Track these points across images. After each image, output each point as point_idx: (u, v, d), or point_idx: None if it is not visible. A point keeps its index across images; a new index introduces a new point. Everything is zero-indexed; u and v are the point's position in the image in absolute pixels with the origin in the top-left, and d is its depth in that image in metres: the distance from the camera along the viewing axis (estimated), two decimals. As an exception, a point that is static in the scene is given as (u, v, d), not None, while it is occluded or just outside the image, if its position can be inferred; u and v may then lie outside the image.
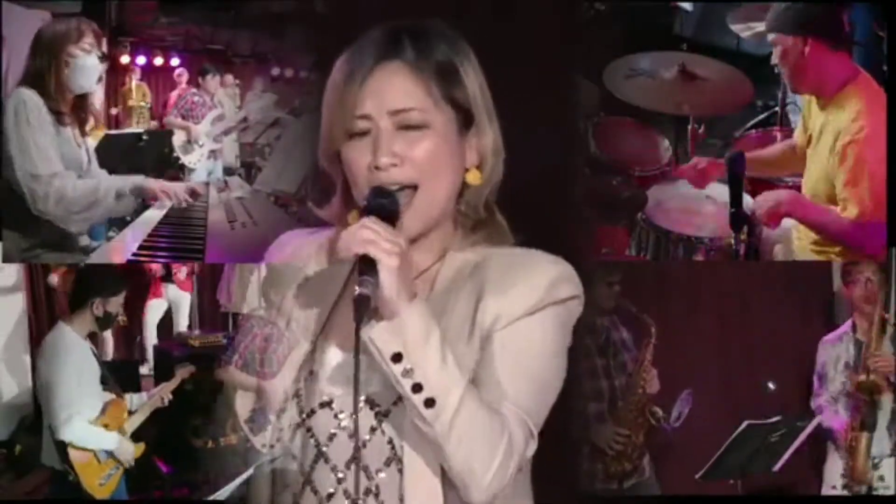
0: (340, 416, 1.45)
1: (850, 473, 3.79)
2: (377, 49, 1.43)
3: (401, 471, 1.41)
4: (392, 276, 1.31)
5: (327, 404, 1.46)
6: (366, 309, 1.29)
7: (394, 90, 1.42)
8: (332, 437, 1.45)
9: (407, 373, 1.32)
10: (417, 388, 1.32)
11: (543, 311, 1.43)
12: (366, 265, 1.31)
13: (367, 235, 1.32)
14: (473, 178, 1.48)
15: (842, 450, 3.81)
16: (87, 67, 3.22)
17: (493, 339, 1.41)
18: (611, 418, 3.68)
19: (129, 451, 4.06)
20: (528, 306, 1.43)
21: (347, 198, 1.48)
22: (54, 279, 5.64)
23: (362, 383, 1.40)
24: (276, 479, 1.52)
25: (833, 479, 3.88)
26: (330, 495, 1.45)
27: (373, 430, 1.43)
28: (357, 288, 1.30)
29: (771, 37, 2.99)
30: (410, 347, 1.32)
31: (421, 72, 1.43)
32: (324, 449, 1.45)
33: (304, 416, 1.47)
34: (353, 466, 1.41)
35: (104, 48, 3.43)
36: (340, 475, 1.44)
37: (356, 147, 1.42)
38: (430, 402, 1.32)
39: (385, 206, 1.38)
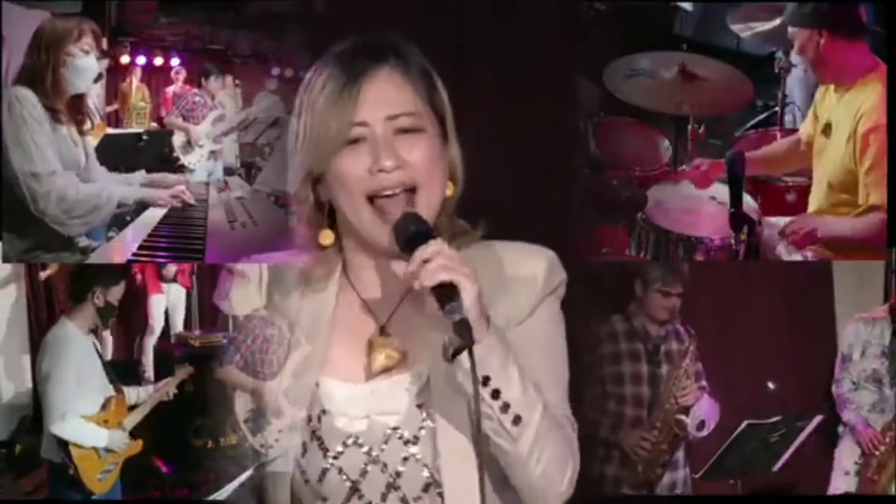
0: (370, 450, 1.44)
1: (873, 468, 3.78)
2: (362, 58, 1.43)
3: (440, 494, 1.42)
4: (475, 300, 1.32)
5: (354, 442, 1.45)
6: (470, 330, 1.30)
7: (388, 95, 1.42)
8: (363, 472, 1.45)
9: (496, 394, 1.34)
10: (505, 407, 1.34)
11: (544, 303, 1.46)
12: (444, 292, 1.31)
13: (446, 262, 1.32)
14: (450, 189, 1.48)
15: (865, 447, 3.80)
16: (84, 68, 3.22)
17: (510, 341, 1.40)
18: (646, 423, 3.67)
19: (122, 441, 4.07)
20: (532, 304, 1.44)
21: (316, 221, 1.48)
22: (42, 276, 5.63)
23: (383, 413, 1.43)
24: (271, 489, 1.52)
25: (846, 464, 3.87)
26: None
27: (405, 459, 1.43)
28: (451, 316, 1.30)
29: (790, 31, 3.03)
30: (496, 369, 1.34)
31: (409, 76, 1.44)
32: (358, 486, 1.45)
33: (331, 456, 1.46)
34: (389, 497, 1.43)
35: (104, 47, 3.43)
36: None
37: (350, 155, 1.41)
38: (517, 420, 1.35)
39: (424, 231, 1.37)
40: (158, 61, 6.02)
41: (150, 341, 6.34)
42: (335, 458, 1.45)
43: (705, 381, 3.72)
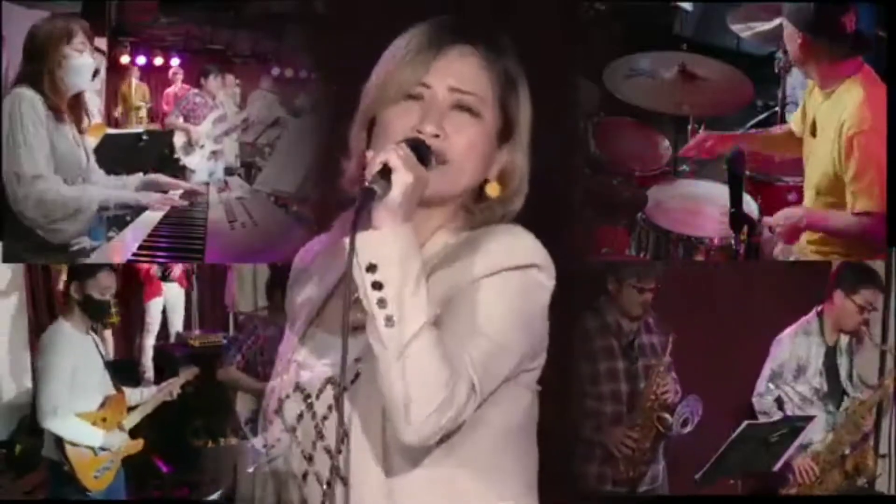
0: (309, 399, 1.46)
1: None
2: (456, 31, 1.47)
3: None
4: (401, 188, 1.31)
5: (297, 388, 1.47)
6: (369, 201, 1.30)
7: (461, 69, 1.45)
8: (299, 418, 1.46)
9: (376, 285, 1.30)
10: (382, 303, 1.30)
11: (498, 274, 1.41)
12: (382, 171, 1.32)
13: (396, 149, 1.34)
14: (492, 190, 1.50)
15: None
16: (80, 66, 3.23)
17: (450, 300, 1.39)
18: (626, 421, 3.67)
19: (119, 441, 4.06)
20: (481, 272, 1.40)
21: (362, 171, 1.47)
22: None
23: (328, 364, 1.43)
24: (271, 486, 1.53)
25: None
26: (304, 476, 1.46)
27: (329, 408, 1.43)
28: (366, 183, 1.31)
29: (783, 20, 3.04)
30: (386, 262, 1.30)
31: (490, 65, 1.47)
32: (296, 433, 1.46)
33: (279, 403, 1.48)
34: (318, 446, 1.43)
35: (99, 45, 3.43)
36: (312, 453, 1.45)
37: (403, 108, 1.44)
38: (389, 320, 1.30)
39: (419, 149, 1.38)
40: (158, 61, 6.02)
41: (149, 341, 6.34)
42: (280, 404, 1.48)
43: (674, 373, 3.72)
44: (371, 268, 1.30)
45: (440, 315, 1.36)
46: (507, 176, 1.51)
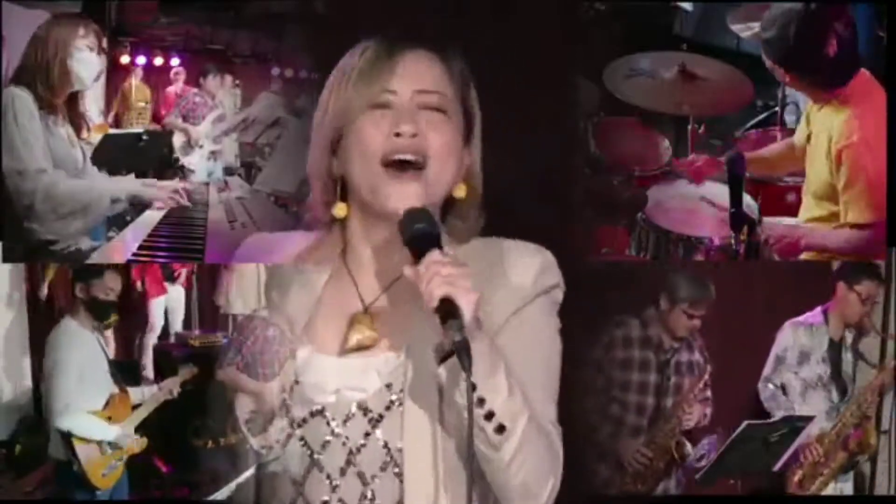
0: (332, 423, 1.46)
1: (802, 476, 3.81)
2: (406, 38, 1.47)
3: (397, 475, 1.41)
4: (472, 310, 1.32)
5: (319, 412, 1.46)
6: (469, 352, 1.29)
7: (423, 72, 1.46)
8: (325, 444, 1.45)
9: (481, 402, 1.33)
10: (490, 416, 1.34)
11: (533, 303, 1.44)
12: (445, 306, 1.31)
13: (444, 272, 1.32)
14: (460, 191, 1.50)
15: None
16: (90, 62, 3.26)
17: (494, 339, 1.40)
18: (645, 436, 3.67)
19: (129, 437, 4.10)
20: (519, 301, 1.44)
21: (332, 193, 1.49)
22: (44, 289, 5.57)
23: (353, 389, 1.43)
24: (265, 489, 1.52)
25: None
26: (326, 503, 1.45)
27: (366, 435, 1.43)
28: (451, 334, 1.29)
29: (763, 54, 3.02)
30: (483, 377, 1.33)
31: (446, 65, 1.48)
32: (317, 457, 1.45)
33: (295, 425, 1.47)
34: (347, 472, 1.43)
35: (104, 48, 3.45)
36: (335, 483, 1.44)
37: (373, 119, 1.44)
38: (500, 429, 1.34)
39: (427, 230, 1.38)
40: (158, 61, 6.03)
41: (150, 341, 6.34)
42: (299, 426, 1.47)
43: (709, 408, 3.73)
44: (472, 387, 1.32)
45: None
46: (470, 176, 1.52)
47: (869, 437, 3.92)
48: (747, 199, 2.96)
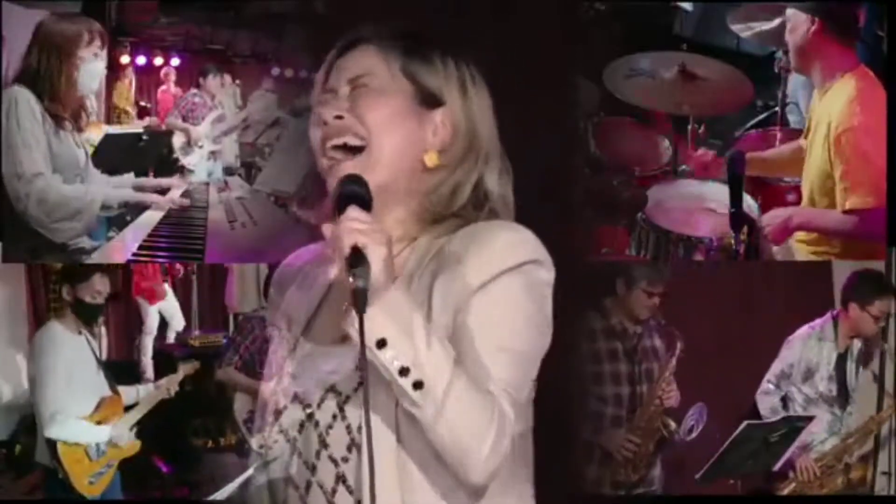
0: (308, 408, 1.46)
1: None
2: (348, 41, 1.51)
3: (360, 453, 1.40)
4: (381, 263, 1.31)
5: (296, 398, 1.47)
6: (365, 300, 1.29)
7: (355, 62, 1.49)
8: (301, 428, 1.46)
9: (393, 358, 1.31)
10: (404, 371, 1.31)
11: (497, 279, 1.41)
12: (356, 256, 1.30)
13: (354, 226, 1.32)
14: (430, 159, 1.48)
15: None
16: (95, 72, 3.23)
17: (456, 318, 1.39)
18: (627, 424, 3.66)
19: (125, 435, 4.04)
20: (482, 277, 1.40)
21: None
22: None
23: (325, 372, 1.43)
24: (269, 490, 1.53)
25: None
26: (308, 486, 1.45)
27: (334, 417, 1.43)
28: (352, 280, 1.29)
29: (788, 11, 3.04)
30: (394, 332, 1.31)
31: (383, 50, 1.49)
32: (297, 444, 1.46)
33: (277, 413, 1.49)
34: (322, 455, 1.43)
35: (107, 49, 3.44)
36: (315, 463, 1.44)
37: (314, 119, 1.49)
38: (418, 385, 1.31)
39: (357, 191, 1.37)
40: (158, 61, 6.02)
41: (149, 341, 6.35)
42: (279, 413, 1.48)
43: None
44: (381, 344, 1.31)
45: (459, 329, 1.38)
46: (444, 142, 1.50)
47: (867, 472, 3.89)
48: (747, 199, 2.96)
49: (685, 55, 3.60)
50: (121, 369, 4.69)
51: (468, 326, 1.38)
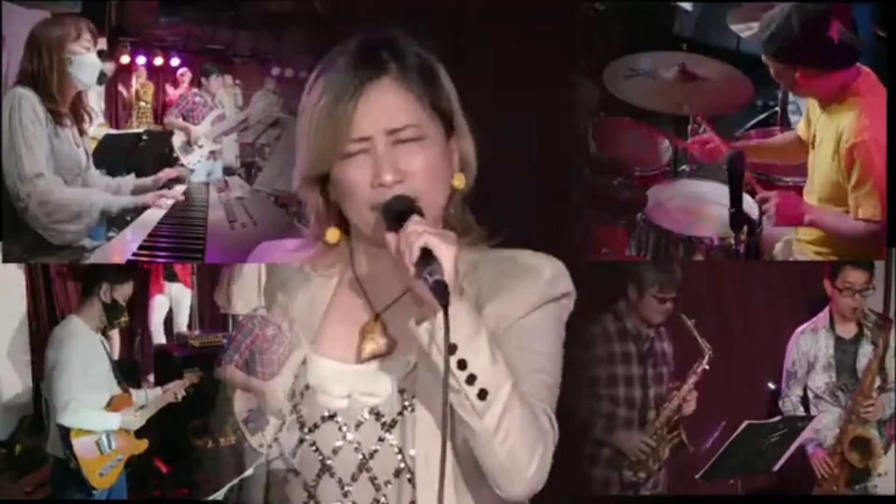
0: (344, 428, 1.46)
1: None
2: (360, 68, 1.42)
3: (410, 480, 1.41)
4: (451, 264, 1.31)
5: (330, 418, 1.46)
6: (447, 293, 1.29)
7: (388, 109, 1.41)
8: (336, 450, 1.45)
9: (462, 364, 1.33)
10: (471, 379, 1.33)
11: (542, 308, 1.45)
12: (427, 256, 1.32)
13: (420, 229, 1.33)
14: (459, 182, 1.48)
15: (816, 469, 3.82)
16: (88, 64, 3.25)
17: (499, 340, 1.40)
18: (638, 427, 3.67)
19: (135, 422, 4.14)
20: (529, 306, 1.44)
21: (325, 219, 1.49)
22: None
23: (365, 394, 1.44)
24: (275, 493, 1.53)
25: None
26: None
27: (380, 440, 1.43)
28: (429, 277, 1.30)
29: (763, 57, 2.97)
30: (464, 339, 1.33)
31: (409, 84, 1.43)
32: (328, 462, 1.45)
33: (306, 430, 1.47)
34: (360, 478, 1.43)
35: (103, 46, 3.45)
36: (347, 488, 1.45)
37: (354, 165, 1.42)
38: (482, 394, 1.33)
39: (411, 206, 1.38)
40: (158, 61, 6.03)
41: (149, 342, 6.34)
42: (310, 431, 1.47)
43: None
44: (452, 348, 1.32)
45: (503, 350, 1.39)
46: (464, 162, 1.50)
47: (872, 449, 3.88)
48: (747, 199, 2.96)
49: (685, 55, 3.60)
50: (122, 369, 4.70)
51: (512, 347, 1.40)
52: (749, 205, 3.01)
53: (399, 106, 1.42)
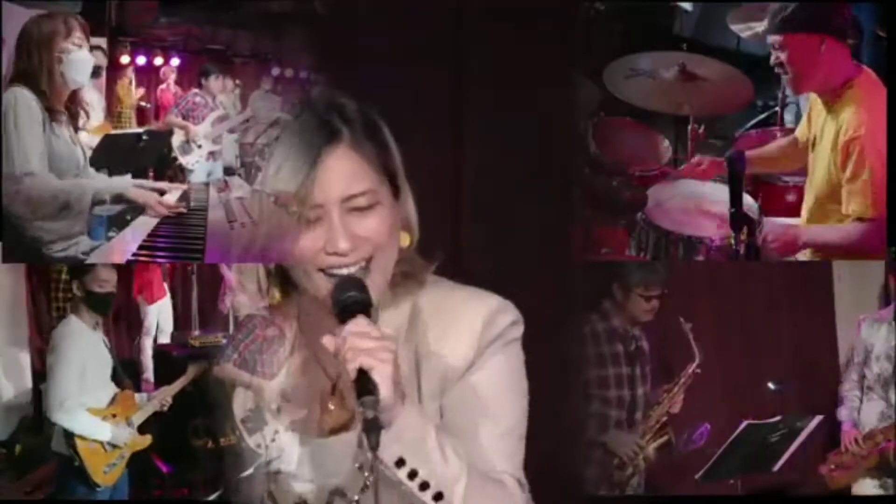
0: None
1: (836, 464, 3.81)
2: (317, 138, 1.42)
3: None
4: (390, 384, 1.30)
5: (303, 503, 1.48)
6: (378, 433, 1.28)
7: (343, 177, 1.40)
8: None
9: (412, 474, 1.34)
10: (425, 486, 1.34)
11: (485, 355, 1.43)
12: (362, 379, 1.29)
13: (360, 344, 1.30)
14: (405, 241, 1.47)
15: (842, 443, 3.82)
16: (80, 61, 3.24)
17: (449, 398, 1.41)
18: (627, 427, 3.68)
19: (127, 436, 4.13)
20: (469, 357, 1.43)
21: (268, 284, 1.51)
22: None
23: (330, 475, 1.44)
24: None
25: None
26: None
27: None
28: (367, 412, 1.28)
29: (775, 38, 2.96)
30: (411, 448, 1.33)
31: (362, 149, 1.42)
32: None
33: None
34: None
35: (99, 43, 3.44)
36: None
37: (307, 231, 1.41)
38: (438, 497, 1.34)
39: (359, 299, 1.36)
40: (158, 61, 6.03)
41: (147, 341, 6.34)
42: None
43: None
44: (400, 462, 1.33)
45: (447, 417, 1.41)
46: (408, 223, 1.49)
47: None
48: (747, 199, 2.96)
49: (685, 55, 3.60)
50: (122, 369, 4.71)
51: (464, 412, 1.41)
52: (749, 205, 3.01)
53: (355, 172, 1.41)
